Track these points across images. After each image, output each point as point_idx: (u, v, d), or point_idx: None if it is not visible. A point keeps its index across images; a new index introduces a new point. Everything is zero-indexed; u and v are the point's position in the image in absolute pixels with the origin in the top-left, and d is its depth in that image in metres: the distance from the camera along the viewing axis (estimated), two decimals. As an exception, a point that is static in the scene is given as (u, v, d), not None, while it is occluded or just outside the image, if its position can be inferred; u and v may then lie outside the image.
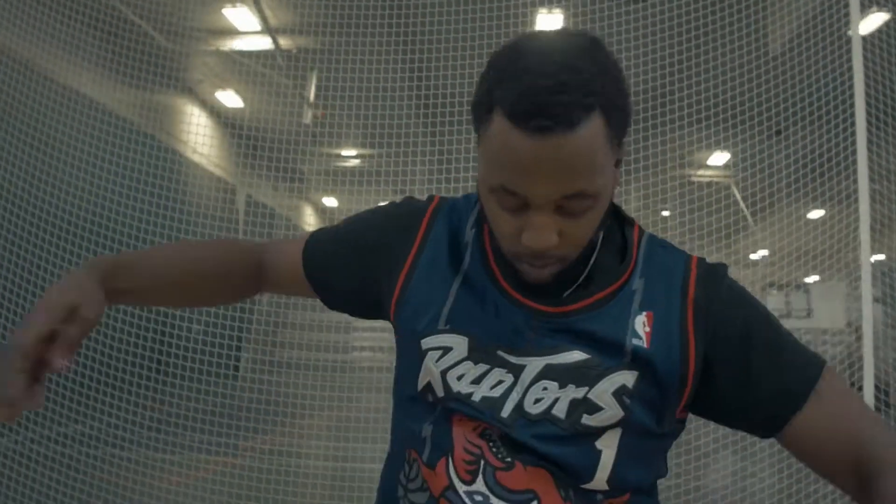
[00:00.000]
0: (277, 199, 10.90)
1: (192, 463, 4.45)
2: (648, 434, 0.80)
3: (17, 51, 4.58)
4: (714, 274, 0.83)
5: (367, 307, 0.96)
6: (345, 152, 12.69)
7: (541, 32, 0.75)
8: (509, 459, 0.78)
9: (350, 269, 0.94)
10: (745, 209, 9.16)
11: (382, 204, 0.98)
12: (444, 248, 0.88)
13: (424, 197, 0.97)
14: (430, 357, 0.82)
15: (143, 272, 0.87)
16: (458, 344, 0.82)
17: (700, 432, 3.79)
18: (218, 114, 10.53)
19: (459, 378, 0.81)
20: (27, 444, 4.16)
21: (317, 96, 7.98)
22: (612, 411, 0.77)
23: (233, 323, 5.11)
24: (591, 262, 0.83)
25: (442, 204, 0.93)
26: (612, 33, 4.18)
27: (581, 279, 0.82)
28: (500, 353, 0.80)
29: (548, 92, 0.67)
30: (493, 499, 0.78)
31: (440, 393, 0.82)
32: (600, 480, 0.78)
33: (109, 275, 0.80)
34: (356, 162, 12.72)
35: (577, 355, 0.79)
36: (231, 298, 1.03)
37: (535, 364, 0.79)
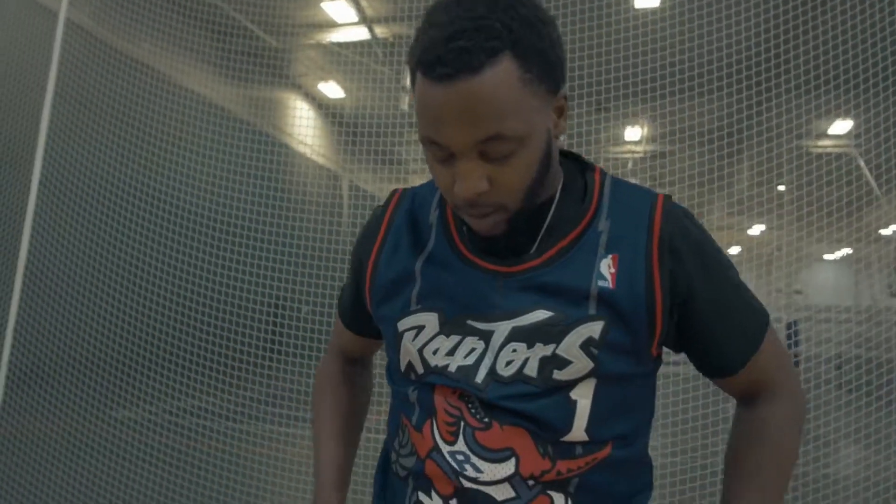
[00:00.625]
0: (378, 184, 11.16)
1: (304, 434, 4.69)
2: (623, 379, 0.82)
3: (140, 56, 4.93)
4: (681, 214, 0.84)
5: None
6: (443, 137, 12.77)
7: None
8: (487, 420, 0.80)
9: (360, 298, 0.98)
10: (871, 180, 8.48)
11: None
12: (405, 235, 0.91)
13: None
14: (407, 337, 0.86)
15: (347, 474, 1.01)
16: (430, 321, 0.85)
17: (820, 422, 3.61)
18: (321, 105, 10.90)
19: (435, 352, 0.84)
20: (150, 416, 4.52)
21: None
22: (581, 363, 0.78)
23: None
24: (551, 212, 0.83)
25: (402, 196, 0.95)
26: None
27: (543, 232, 0.83)
28: (470, 322, 0.82)
29: (447, 40, 0.69)
30: (473, 458, 0.80)
31: (420, 370, 0.85)
32: (579, 430, 0.80)
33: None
34: (454, 146, 12.77)
35: (541, 314, 0.80)
36: (369, 396, 1.13)
37: (502, 328, 0.81)
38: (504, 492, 0.79)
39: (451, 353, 0.83)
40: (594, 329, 0.78)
